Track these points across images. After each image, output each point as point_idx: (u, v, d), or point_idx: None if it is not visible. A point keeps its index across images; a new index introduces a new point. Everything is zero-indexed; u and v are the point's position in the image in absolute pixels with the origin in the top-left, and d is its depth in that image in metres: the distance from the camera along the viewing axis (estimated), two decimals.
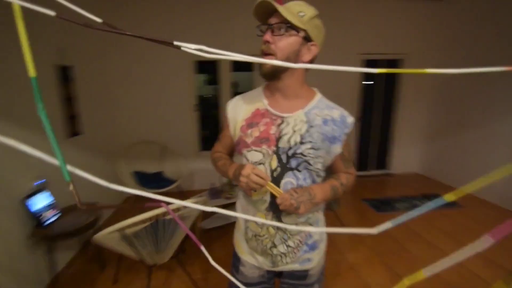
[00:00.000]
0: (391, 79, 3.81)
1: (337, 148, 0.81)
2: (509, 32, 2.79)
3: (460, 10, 3.34)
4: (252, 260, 0.92)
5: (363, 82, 3.73)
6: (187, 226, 1.58)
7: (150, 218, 1.36)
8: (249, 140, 0.81)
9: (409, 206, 2.94)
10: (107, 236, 1.33)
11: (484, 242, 0.24)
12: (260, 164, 0.80)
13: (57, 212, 1.81)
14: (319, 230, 0.33)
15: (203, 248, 0.66)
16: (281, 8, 0.69)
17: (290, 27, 0.71)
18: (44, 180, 1.80)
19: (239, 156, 0.90)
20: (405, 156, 4.05)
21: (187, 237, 1.68)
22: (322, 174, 0.84)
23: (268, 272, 0.94)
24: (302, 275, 0.92)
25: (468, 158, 3.29)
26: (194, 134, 3.42)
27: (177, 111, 3.28)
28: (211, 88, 3.98)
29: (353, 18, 3.38)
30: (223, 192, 2.42)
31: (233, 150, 0.96)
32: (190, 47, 0.47)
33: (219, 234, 2.40)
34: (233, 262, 1.02)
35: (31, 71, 0.32)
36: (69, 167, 0.28)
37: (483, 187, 0.23)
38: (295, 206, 0.72)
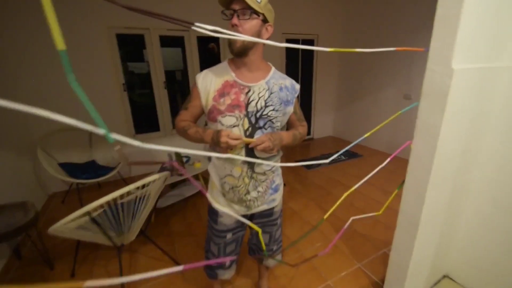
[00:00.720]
0: (307, 57, 4.38)
1: (290, 109, 1.06)
2: (397, 13, 3.62)
3: None
4: (229, 210, 1.13)
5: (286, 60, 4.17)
6: (152, 203, 1.62)
7: (107, 203, 1.33)
8: (222, 107, 0.96)
9: (329, 162, 3.67)
10: (66, 226, 1.28)
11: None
12: (234, 126, 0.96)
13: None
14: (280, 164, 0.57)
15: (208, 196, 0.87)
16: (253, 4, 0.84)
17: (253, 12, 0.88)
18: None
19: (210, 123, 1.03)
20: (322, 123, 4.86)
21: (150, 215, 1.72)
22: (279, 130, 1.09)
23: (244, 215, 1.17)
24: (269, 213, 1.19)
25: (365, 119, 4.25)
26: (127, 116, 3.17)
27: (101, 91, 2.93)
28: (135, 66, 3.66)
29: (277, 2, 3.66)
30: (174, 170, 2.46)
31: (198, 119, 1.07)
32: (207, 28, 0.62)
33: (174, 211, 2.48)
34: (210, 216, 1.20)
35: (60, 44, 0.39)
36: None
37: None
38: (271, 147, 0.93)
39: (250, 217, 1.20)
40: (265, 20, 0.92)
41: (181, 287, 1.61)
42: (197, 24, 0.59)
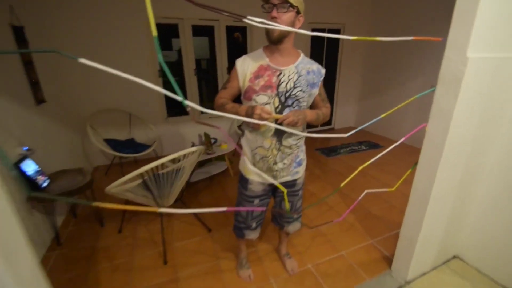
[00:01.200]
0: (332, 48, 4.40)
1: (316, 91, 1.21)
2: (422, 7, 3.55)
3: None
4: (257, 178, 1.31)
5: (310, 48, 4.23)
6: (187, 176, 1.86)
7: (154, 168, 1.57)
8: (257, 87, 1.13)
9: (349, 150, 3.75)
10: (121, 187, 1.55)
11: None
12: (266, 104, 1.14)
13: (46, 177, 1.86)
14: (304, 134, 0.73)
15: (242, 154, 1.06)
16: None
17: (289, 5, 1.03)
18: (27, 147, 1.79)
19: (246, 101, 1.20)
20: (343, 113, 4.89)
21: (185, 185, 1.97)
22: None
23: (270, 185, 1.36)
24: (292, 184, 1.37)
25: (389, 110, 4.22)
26: (161, 101, 3.45)
27: (139, 77, 3.21)
28: (165, 54, 3.92)
29: None
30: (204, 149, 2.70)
31: (234, 98, 1.25)
32: (255, 20, 0.80)
33: (202, 186, 2.74)
34: (241, 184, 1.40)
35: (154, 32, 0.57)
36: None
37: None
38: (295, 121, 1.08)
39: (275, 187, 1.39)
40: (298, 12, 1.07)
41: (210, 247, 1.86)
42: (248, 17, 0.76)
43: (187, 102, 0.72)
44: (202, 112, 3.73)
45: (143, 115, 3.28)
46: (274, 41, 1.09)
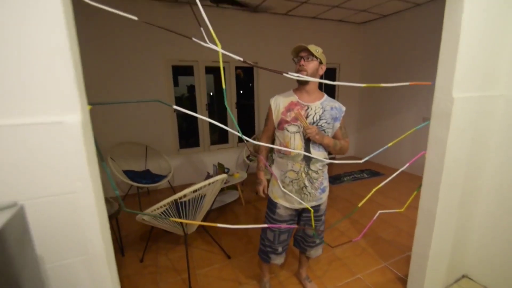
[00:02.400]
0: (331, 80, 4.81)
1: (337, 124, 1.43)
2: (406, 47, 4.02)
3: (374, 31, 4.53)
4: (285, 203, 1.47)
5: None
6: (210, 201, 2.00)
7: (182, 196, 1.73)
8: (288, 119, 1.36)
9: (351, 178, 3.92)
10: (153, 212, 1.68)
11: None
12: (296, 132, 1.36)
13: None
14: (327, 161, 0.93)
15: (272, 169, 1.25)
16: (311, 48, 1.28)
17: (314, 57, 1.31)
18: None
19: (279, 132, 1.42)
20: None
21: (208, 213, 2.10)
22: None
23: (296, 210, 1.51)
24: (316, 209, 1.52)
25: (386, 140, 4.48)
26: (174, 133, 3.69)
27: (156, 112, 3.50)
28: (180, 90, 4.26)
29: (304, 36, 4.20)
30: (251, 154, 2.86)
31: (273, 131, 1.48)
32: (294, 75, 1.05)
33: (216, 214, 2.84)
34: (269, 208, 1.54)
35: (223, 85, 0.81)
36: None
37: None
38: (315, 132, 1.29)
39: (300, 213, 1.53)
40: (320, 62, 1.34)
41: (231, 273, 1.93)
42: (290, 73, 1.01)
43: (244, 137, 0.93)
44: (239, 141, 3.97)
45: (158, 147, 3.48)
46: (302, 83, 1.35)
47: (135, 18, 0.72)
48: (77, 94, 0.62)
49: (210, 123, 3.91)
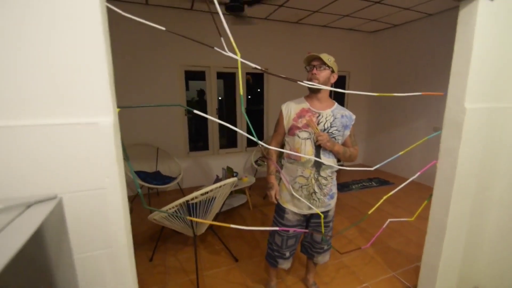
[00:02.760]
0: (341, 88, 4.83)
1: (347, 132, 1.46)
2: (417, 57, 4.02)
3: (385, 40, 4.54)
4: (294, 209, 1.49)
5: None
6: (219, 204, 2.04)
7: (193, 198, 1.77)
8: (300, 125, 1.39)
9: (359, 186, 3.89)
10: (161, 214, 1.73)
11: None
12: (308, 139, 1.39)
13: None
14: (337, 167, 0.96)
15: (282, 174, 1.28)
16: (323, 57, 1.32)
17: (326, 66, 1.35)
18: None
19: (290, 138, 1.45)
20: None
21: (216, 215, 2.13)
22: None
23: (304, 215, 1.52)
24: (325, 215, 1.53)
25: (396, 148, 4.46)
26: (185, 136, 3.77)
27: (168, 115, 3.59)
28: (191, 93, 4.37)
29: (314, 43, 4.26)
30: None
31: (284, 136, 1.51)
32: (307, 83, 1.09)
33: (224, 217, 2.87)
34: (277, 213, 1.56)
35: (241, 91, 0.84)
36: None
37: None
38: (326, 139, 1.32)
39: (309, 218, 1.55)
40: (332, 71, 1.38)
41: (238, 276, 1.94)
42: (304, 81, 1.05)
43: (260, 142, 0.96)
44: (248, 146, 4.02)
45: (169, 149, 3.56)
46: (314, 90, 1.39)
47: (162, 28, 0.78)
48: (110, 98, 0.67)
49: (219, 126, 3.97)
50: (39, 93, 0.60)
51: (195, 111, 0.86)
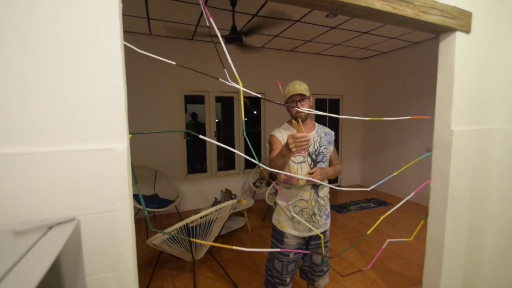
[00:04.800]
0: (333, 112, 5.01)
1: (331, 148, 1.52)
2: (405, 81, 4.23)
3: (374, 66, 4.80)
4: (294, 232, 1.49)
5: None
6: (219, 227, 2.03)
7: (192, 221, 1.77)
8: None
9: (358, 207, 3.90)
10: (164, 236, 1.72)
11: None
12: (302, 162, 1.44)
13: None
14: (338, 188, 1.01)
15: (278, 188, 1.32)
16: (303, 91, 1.38)
17: (307, 97, 1.43)
18: None
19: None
20: (349, 172, 5.19)
21: (216, 238, 2.11)
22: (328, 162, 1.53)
23: (303, 238, 1.53)
24: (324, 235, 1.55)
25: (391, 168, 4.53)
26: (183, 159, 3.80)
27: (167, 138, 3.65)
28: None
29: (309, 69, 4.49)
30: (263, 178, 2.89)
31: None
32: (305, 110, 1.17)
33: (223, 241, 2.82)
34: (276, 238, 1.55)
35: (242, 117, 0.91)
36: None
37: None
38: (320, 178, 1.34)
39: (308, 241, 1.56)
40: (308, 97, 1.46)
41: None
42: (301, 108, 1.13)
43: (260, 164, 1.02)
44: (245, 168, 4.03)
45: (167, 172, 3.57)
46: (304, 120, 1.46)
47: (173, 63, 0.86)
48: (125, 125, 0.73)
49: (217, 149, 4.02)
50: (60, 122, 0.65)
51: (201, 136, 0.91)
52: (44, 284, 0.47)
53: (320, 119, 4.86)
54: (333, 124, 5.01)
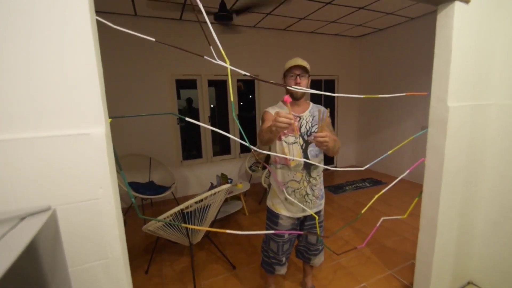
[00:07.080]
0: (330, 92, 4.92)
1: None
2: (401, 59, 4.14)
3: (371, 44, 4.68)
4: (288, 213, 1.49)
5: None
6: (214, 211, 2.03)
7: (188, 206, 1.76)
8: (285, 130, 1.41)
9: (353, 187, 3.94)
10: (156, 224, 1.71)
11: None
12: (294, 143, 1.40)
13: None
14: (333, 168, 0.98)
15: (271, 169, 1.29)
16: (305, 64, 1.34)
17: (307, 74, 1.38)
18: None
19: (277, 142, 1.42)
20: (344, 153, 5.20)
21: (212, 223, 2.12)
22: None
23: (297, 219, 1.53)
24: (317, 215, 1.55)
25: (386, 149, 4.53)
26: (178, 145, 3.75)
27: (160, 124, 3.58)
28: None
29: (303, 49, 4.35)
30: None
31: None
32: (297, 88, 1.11)
33: (220, 225, 2.85)
34: (271, 220, 1.55)
35: (232, 98, 0.86)
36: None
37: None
38: (326, 142, 1.19)
39: (302, 221, 1.56)
40: (309, 74, 1.41)
41: (237, 284, 1.92)
42: (293, 86, 1.07)
43: (252, 147, 0.98)
44: (241, 152, 4.00)
45: (162, 159, 3.53)
46: (298, 98, 1.41)
47: (152, 39, 0.79)
48: (102, 109, 0.68)
49: (212, 134, 3.97)
50: (30, 106, 0.60)
51: (187, 119, 0.87)
52: (20, 276, 0.44)
53: (316, 101, 4.80)
54: (329, 104, 4.95)
